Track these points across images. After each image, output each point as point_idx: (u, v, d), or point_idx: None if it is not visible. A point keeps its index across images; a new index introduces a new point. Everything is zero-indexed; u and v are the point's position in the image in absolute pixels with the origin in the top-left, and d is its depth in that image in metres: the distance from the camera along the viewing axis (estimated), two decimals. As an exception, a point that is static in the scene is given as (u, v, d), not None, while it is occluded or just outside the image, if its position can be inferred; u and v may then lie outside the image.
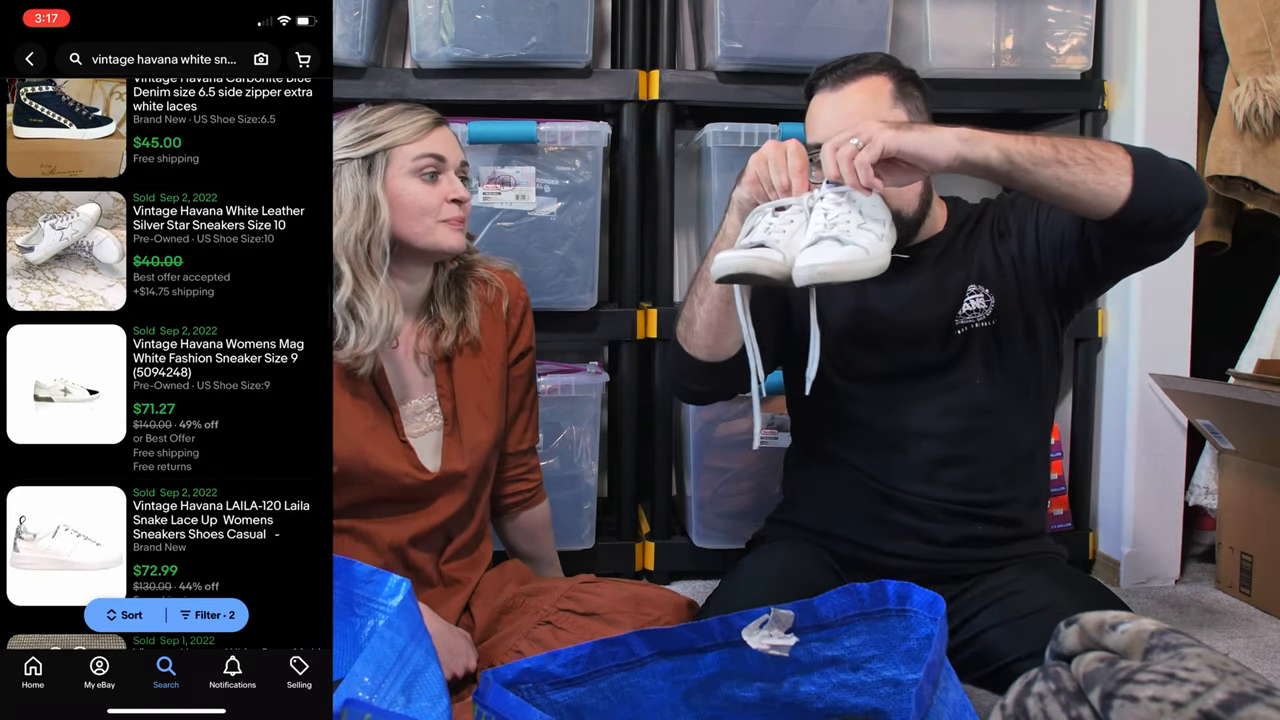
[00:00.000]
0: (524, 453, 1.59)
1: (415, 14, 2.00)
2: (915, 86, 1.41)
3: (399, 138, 1.37)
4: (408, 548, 1.42)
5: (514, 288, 1.54)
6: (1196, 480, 2.21)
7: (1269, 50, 2.10)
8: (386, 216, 1.35)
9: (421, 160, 1.37)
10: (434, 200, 1.38)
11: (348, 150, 1.36)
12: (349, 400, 1.37)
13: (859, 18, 2.03)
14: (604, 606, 1.38)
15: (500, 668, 0.94)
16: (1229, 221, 2.26)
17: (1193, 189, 1.22)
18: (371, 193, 1.35)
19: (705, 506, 2.10)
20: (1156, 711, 0.72)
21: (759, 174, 1.24)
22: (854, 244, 1.13)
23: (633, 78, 2.07)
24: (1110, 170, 1.17)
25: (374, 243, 1.34)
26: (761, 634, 1.00)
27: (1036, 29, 2.11)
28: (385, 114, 1.39)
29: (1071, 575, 1.37)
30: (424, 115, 1.41)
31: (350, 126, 1.38)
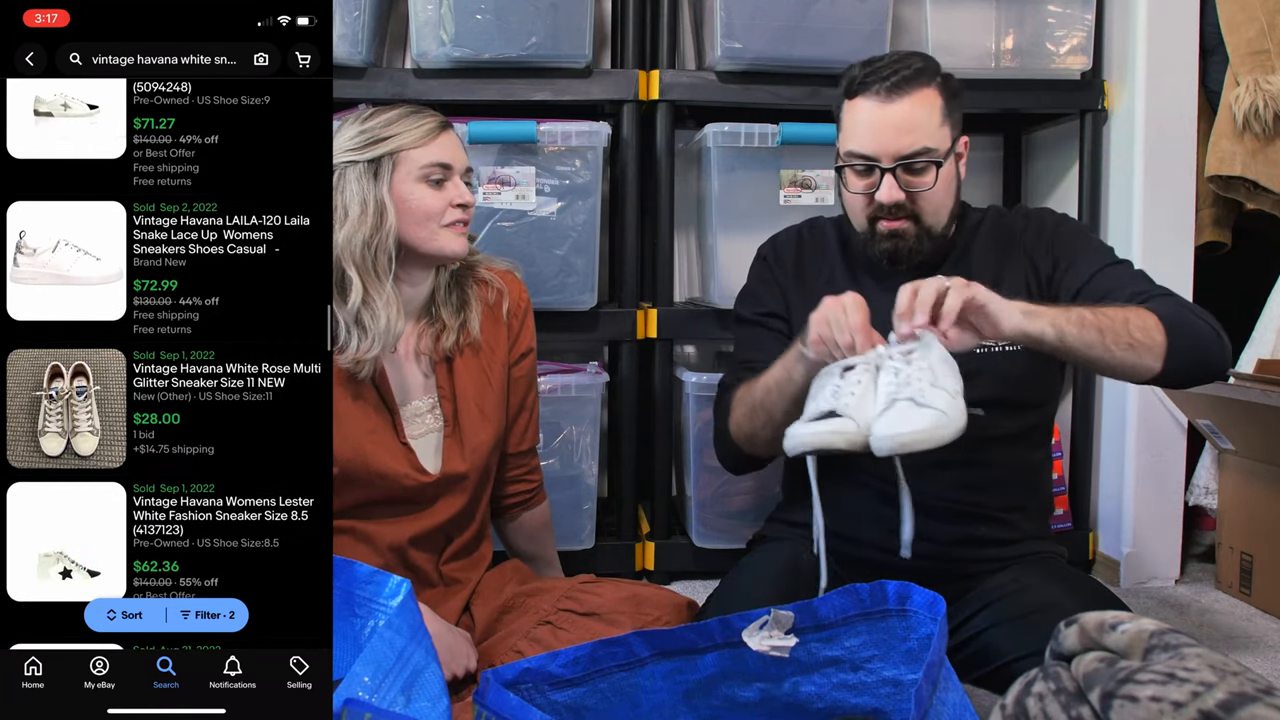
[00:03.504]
0: (524, 453, 1.59)
1: (415, 14, 2.00)
2: (957, 96, 1.39)
3: (406, 142, 1.36)
4: (408, 548, 1.42)
5: (515, 289, 1.54)
6: (1196, 480, 2.20)
7: (1269, 50, 2.10)
8: (394, 222, 1.35)
9: (429, 167, 1.37)
10: (439, 206, 1.38)
11: (352, 153, 1.35)
12: (350, 402, 1.37)
13: (859, 18, 2.03)
14: (604, 606, 1.38)
15: (500, 668, 0.94)
16: (1229, 221, 2.26)
17: (1218, 361, 1.29)
18: (379, 197, 1.34)
19: (705, 506, 2.10)
20: (1156, 711, 0.72)
21: (822, 335, 1.21)
22: (930, 406, 1.10)
23: (633, 78, 2.07)
24: (1146, 356, 1.23)
25: (380, 248, 1.34)
26: (761, 635, 1.00)
27: (1036, 29, 2.11)
28: (391, 117, 1.38)
29: (1071, 575, 1.37)
30: (430, 119, 1.40)
31: (355, 129, 1.37)
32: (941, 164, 1.33)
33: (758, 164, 2.06)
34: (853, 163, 1.36)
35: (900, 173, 1.33)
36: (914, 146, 1.33)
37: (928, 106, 1.34)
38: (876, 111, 1.34)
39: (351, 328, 1.33)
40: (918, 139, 1.33)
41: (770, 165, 2.06)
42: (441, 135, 1.39)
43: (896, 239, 1.37)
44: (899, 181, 1.33)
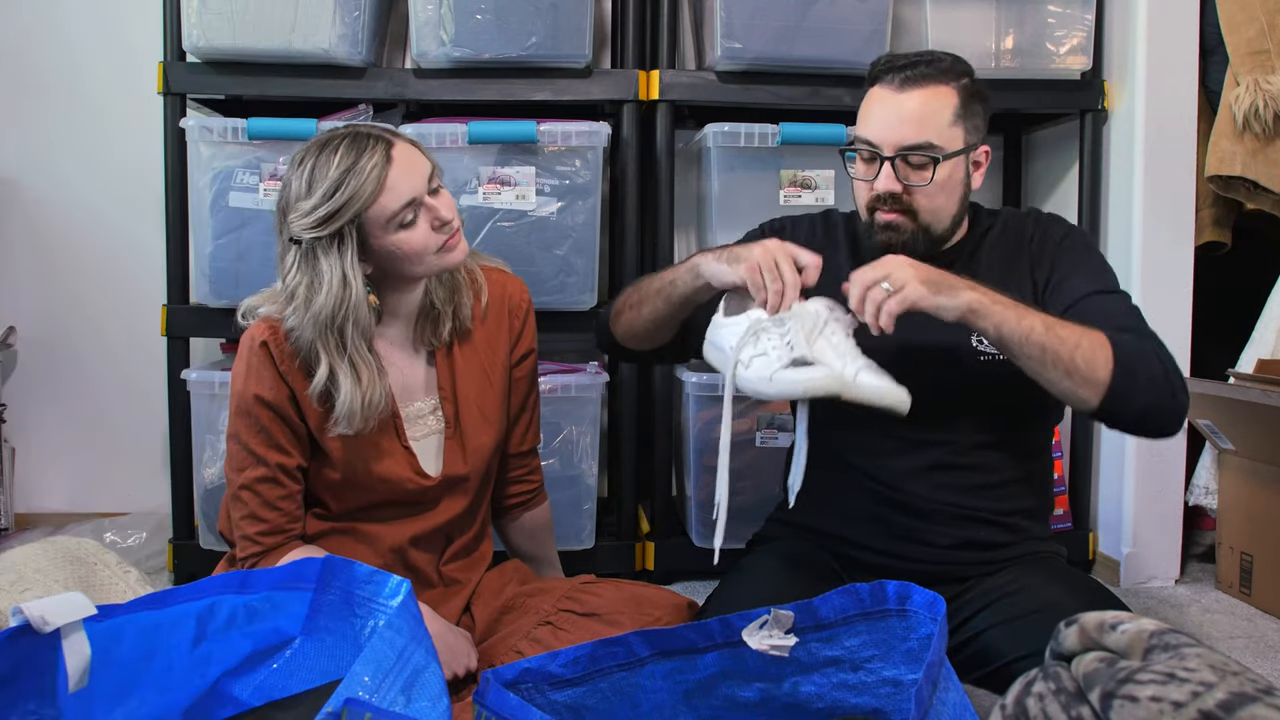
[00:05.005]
0: (525, 454, 1.59)
1: (415, 14, 2.00)
2: (981, 101, 1.38)
3: (363, 202, 1.29)
4: (408, 549, 1.42)
5: (516, 289, 1.53)
6: (1196, 480, 2.21)
7: (1269, 50, 2.10)
8: (358, 291, 1.31)
9: (397, 213, 1.31)
10: (423, 240, 1.34)
11: (315, 230, 1.30)
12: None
13: (859, 18, 2.03)
14: (604, 607, 1.38)
15: (500, 668, 0.94)
16: (1229, 221, 2.26)
17: (1164, 418, 1.26)
18: (343, 269, 1.30)
19: (705, 506, 2.10)
20: (1156, 711, 0.72)
21: (763, 265, 1.25)
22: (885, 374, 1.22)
23: (633, 78, 2.07)
24: (1084, 388, 1.22)
25: (346, 321, 1.31)
26: (761, 634, 1.00)
27: (1036, 29, 2.11)
28: (334, 175, 1.29)
29: (1071, 575, 1.36)
30: (374, 154, 1.30)
31: (308, 205, 1.30)
32: (942, 161, 1.33)
33: (758, 164, 2.06)
34: (858, 147, 1.37)
35: (900, 164, 1.33)
36: (916, 139, 1.32)
37: (939, 102, 1.33)
38: (888, 99, 1.34)
39: (320, 404, 1.34)
40: (922, 132, 1.32)
41: (770, 165, 2.06)
42: (391, 169, 1.30)
43: (892, 231, 1.36)
44: (897, 172, 1.33)
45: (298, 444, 1.37)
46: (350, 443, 1.36)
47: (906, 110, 1.33)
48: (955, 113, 1.34)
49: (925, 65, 1.34)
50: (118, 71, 2.42)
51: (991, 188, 2.53)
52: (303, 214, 1.30)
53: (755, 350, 1.23)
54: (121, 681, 0.92)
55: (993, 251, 1.42)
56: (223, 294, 2.00)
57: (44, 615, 0.86)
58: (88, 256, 2.47)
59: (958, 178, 1.36)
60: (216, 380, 1.99)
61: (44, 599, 0.87)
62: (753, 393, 1.22)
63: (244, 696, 0.99)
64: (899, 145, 1.32)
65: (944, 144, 1.33)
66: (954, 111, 1.34)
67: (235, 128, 1.97)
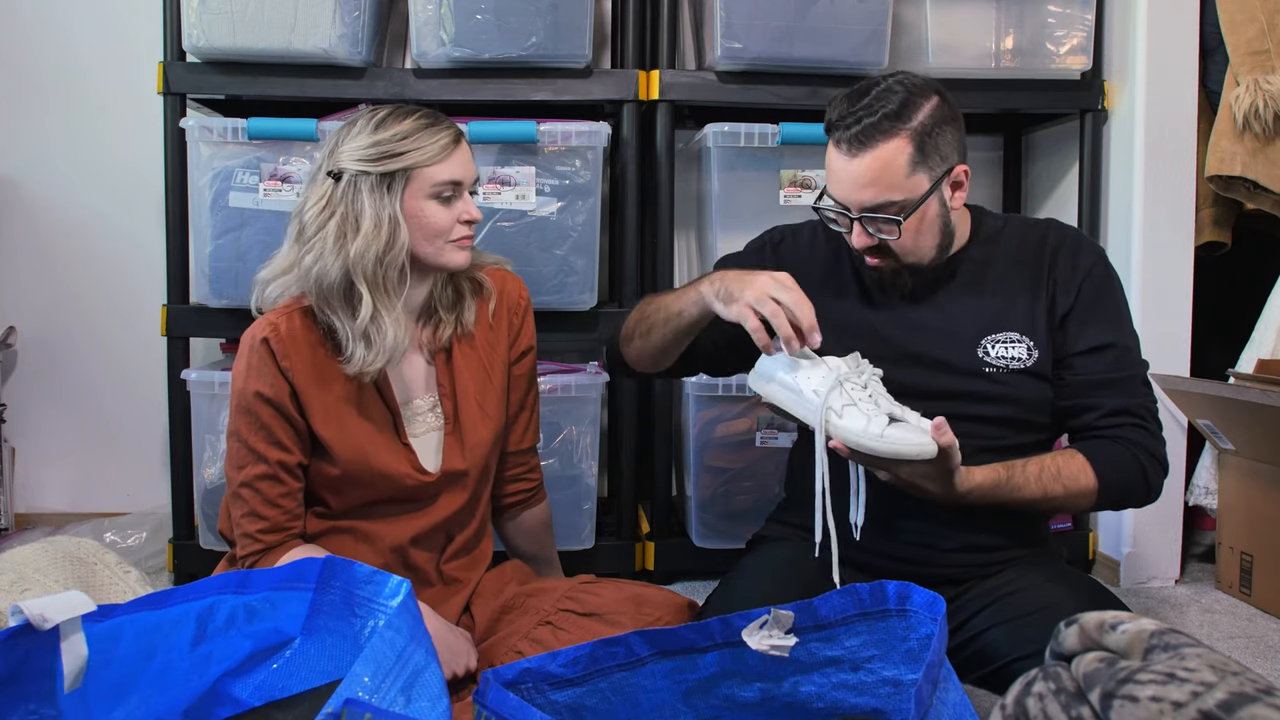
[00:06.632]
0: (525, 452, 1.59)
1: (415, 14, 2.00)
2: (949, 123, 1.34)
3: (422, 159, 1.34)
4: (409, 548, 1.42)
5: (515, 287, 1.54)
6: (1196, 480, 2.20)
7: (1269, 50, 2.10)
8: (406, 239, 1.34)
9: (442, 185, 1.36)
10: (448, 223, 1.37)
11: (366, 164, 1.33)
12: (352, 403, 1.38)
13: (859, 18, 2.03)
14: (604, 607, 1.38)
15: (500, 668, 0.94)
16: (1229, 221, 2.26)
17: (1143, 501, 1.40)
18: (392, 213, 1.33)
19: (705, 506, 2.10)
20: (1156, 711, 0.72)
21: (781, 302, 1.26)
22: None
23: (633, 78, 2.07)
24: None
25: (392, 265, 1.34)
26: (761, 634, 1.00)
27: (1036, 29, 2.11)
28: (408, 129, 1.35)
29: (1071, 575, 1.37)
30: (445, 133, 1.38)
31: (367, 138, 1.34)
32: (911, 213, 1.32)
33: (757, 164, 2.06)
34: (827, 204, 1.37)
35: (867, 222, 1.33)
36: (876, 200, 1.31)
37: (889, 159, 1.30)
38: (841, 163, 1.33)
39: (357, 341, 1.33)
40: (880, 193, 1.31)
41: (770, 165, 2.06)
42: (456, 151, 1.38)
43: (880, 271, 1.38)
44: (867, 229, 1.34)
45: (298, 441, 1.37)
46: (350, 439, 1.37)
47: (859, 174, 1.31)
48: (911, 161, 1.30)
49: (870, 116, 1.30)
50: (117, 71, 2.42)
51: (991, 188, 2.53)
52: (361, 146, 1.34)
53: (844, 399, 1.25)
54: (121, 681, 0.92)
55: (1006, 263, 1.42)
56: (222, 294, 2.00)
57: (43, 612, 0.86)
58: (87, 256, 2.47)
59: (932, 214, 1.34)
60: (216, 380, 1.99)
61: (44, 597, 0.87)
62: (855, 444, 1.23)
63: (244, 696, 0.99)
64: (862, 207, 1.32)
65: (905, 195, 1.31)
66: (909, 161, 1.30)
67: (235, 128, 1.97)
